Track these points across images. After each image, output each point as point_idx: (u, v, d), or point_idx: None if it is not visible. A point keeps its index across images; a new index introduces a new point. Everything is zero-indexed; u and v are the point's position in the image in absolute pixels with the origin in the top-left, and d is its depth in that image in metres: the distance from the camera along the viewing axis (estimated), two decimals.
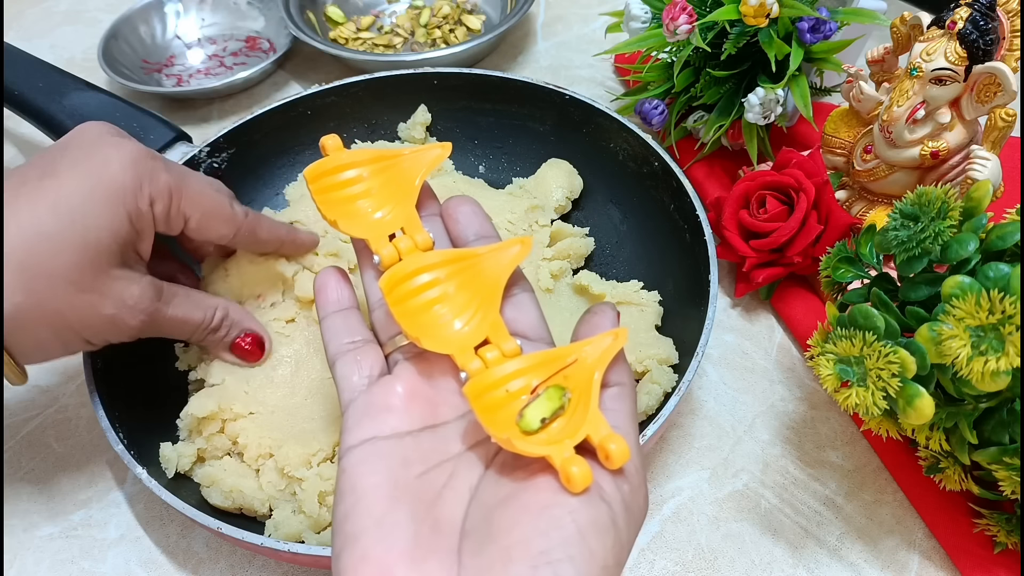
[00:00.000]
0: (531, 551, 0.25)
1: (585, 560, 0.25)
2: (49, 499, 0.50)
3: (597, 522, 0.25)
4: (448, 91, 0.63)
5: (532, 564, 0.24)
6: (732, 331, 0.57)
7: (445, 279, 0.32)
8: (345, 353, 0.32)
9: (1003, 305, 0.34)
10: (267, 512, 0.45)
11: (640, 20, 0.62)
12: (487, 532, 0.26)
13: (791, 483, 0.49)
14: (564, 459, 0.26)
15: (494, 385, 0.29)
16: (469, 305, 0.31)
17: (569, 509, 0.25)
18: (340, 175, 0.35)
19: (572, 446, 0.26)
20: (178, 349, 0.52)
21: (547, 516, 0.25)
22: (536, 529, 0.25)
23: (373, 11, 0.86)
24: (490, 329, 0.31)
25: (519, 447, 0.26)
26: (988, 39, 0.46)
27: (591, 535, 0.25)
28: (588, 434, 0.27)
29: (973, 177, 0.48)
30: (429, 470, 0.28)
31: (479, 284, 0.32)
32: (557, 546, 0.25)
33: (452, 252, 0.33)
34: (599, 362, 0.29)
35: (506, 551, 0.25)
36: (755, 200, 0.55)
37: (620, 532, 0.26)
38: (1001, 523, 0.44)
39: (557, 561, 0.24)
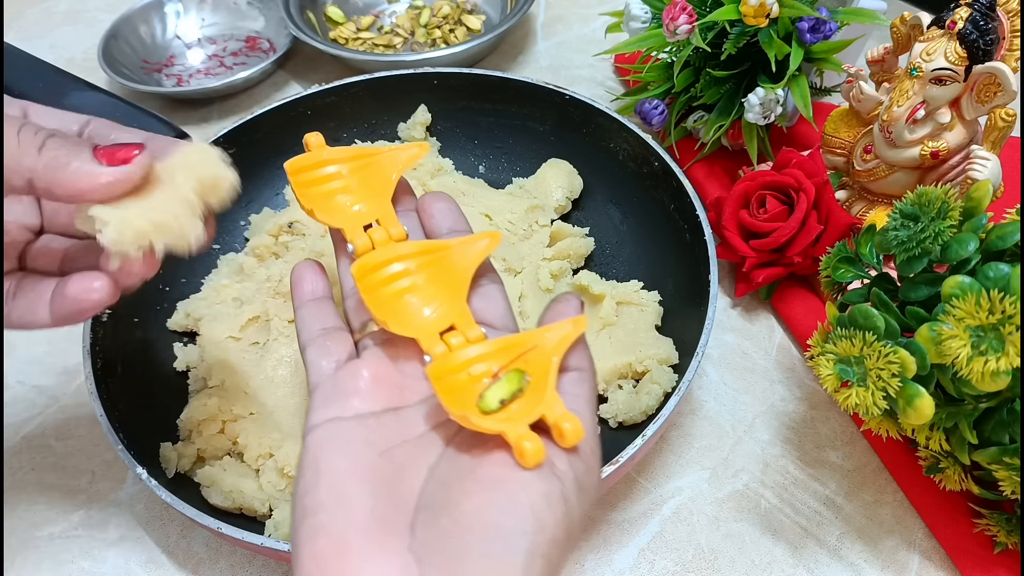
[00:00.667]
0: (484, 523, 0.25)
1: (536, 532, 0.25)
2: (49, 499, 0.50)
3: (549, 497, 0.26)
4: (448, 91, 0.63)
5: (483, 536, 0.25)
6: (732, 331, 0.57)
7: (415, 269, 0.33)
8: (315, 339, 0.33)
9: (1003, 305, 0.34)
10: (267, 512, 0.45)
11: (640, 20, 0.62)
12: (442, 506, 0.27)
13: (791, 483, 0.49)
14: (518, 435, 0.27)
15: (457, 368, 0.30)
16: (437, 294, 0.33)
17: (522, 484, 0.26)
18: (320, 170, 0.36)
19: (527, 424, 0.27)
20: (177, 349, 0.52)
21: (501, 490, 0.26)
22: (489, 502, 0.26)
23: (373, 11, 0.86)
24: (456, 316, 0.32)
25: (475, 423, 0.27)
26: (988, 39, 0.46)
27: (543, 509, 0.26)
28: (543, 413, 0.28)
29: (973, 177, 0.48)
30: (390, 449, 0.29)
31: (448, 274, 0.33)
32: (509, 518, 0.25)
33: (423, 243, 0.34)
34: (557, 347, 0.30)
35: (459, 523, 0.26)
36: (755, 200, 0.55)
37: (571, 508, 0.27)
38: (1001, 523, 0.44)
39: (509, 533, 0.25)
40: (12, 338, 0.58)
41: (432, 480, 0.28)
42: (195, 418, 0.47)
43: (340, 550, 0.26)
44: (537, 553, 0.25)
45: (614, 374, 0.50)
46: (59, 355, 0.57)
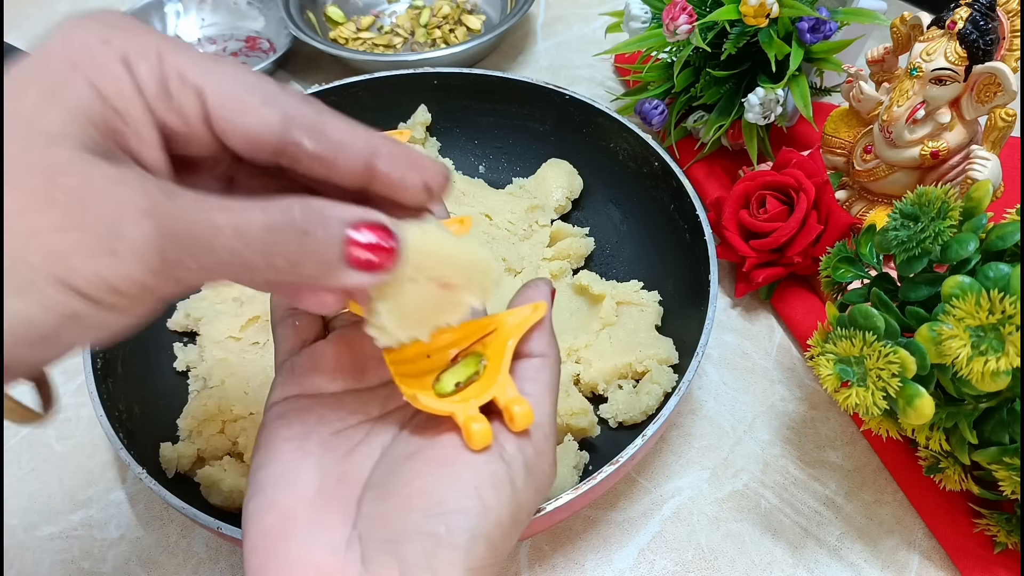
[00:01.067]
0: (427, 501, 0.26)
1: (478, 514, 0.26)
2: (49, 499, 0.50)
3: (495, 479, 0.26)
4: (448, 91, 0.63)
5: (427, 514, 0.26)
6: (732, 331, 0.57)
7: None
8: (285, 319, 0.33)
9: (1003, 305, 0.34)
10: None
11: (640, 20, 0.62)
12: (389, 484, 0.27)
13: (791, 483, 0.49)
14: (467, 417, 0.27)
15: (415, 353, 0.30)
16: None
17: (468, 465, 0.27)
18: None
19: (477, 406, 0.27)
20: (177, 348, 0.52)
21: (446, 470, 0.27)
22: (434, 482, 0.26)
23: (373, 11, 0.86)
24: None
25: (424, 404, 0.27)
26: (988, 39, 0.46)
27: (487, 491, 0.26)
28: (495, 396, 0.28)
29: (973, 177, 0.48)
30: (345, 429, 0.29)
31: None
32: (452, 498, 0.26)
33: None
34: (515, 331, 0.30)
35: (404, 501, 0.26)
36: (755, 200, 0.55)
37: (518, 492, 0.27)
38: (1001, 523, 0.44)
39: (451, 512, 0.26)
40: None
41: (383, 460, 0.29)
42: (195, 418, 0.47)
43: (286, 525, 0.26)
44: (479, 535, 0.26)
45: (614, 374, 0.50)
46: None
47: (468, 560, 0.25)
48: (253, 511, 0.27)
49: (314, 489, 0.27)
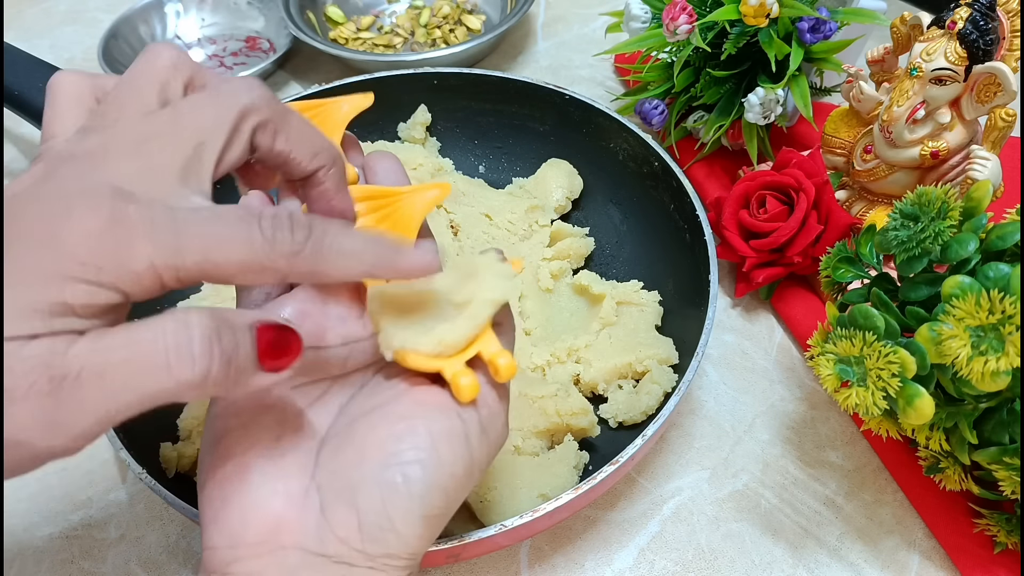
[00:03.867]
0: (384, 452, 0.27)
1: (434, 464, 0.27)
2: (49, 499, 0.50)
3: (451, 434, 0.28)
4: (448, 91, 0.63)
5: (383, 463, 0.27)
6: (732, 331, 0.57)
7: (364, 213, 0.33)
8: None
9: (1003, 305, 0.34)
10: None
11: (640, 20, 0.62)
12: (347, 437, 0.28)
13: (791, 483, 0.49)
14: (455, 372, 0.29)
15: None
16: None
17: (425, 420, 0.28)
18: None
19: (463, 361, 0.29)
20: None
21: (404, 424, 0.28)
22: (391, 434, 0.27)
23: (373, 11, 0.86)
24: None
25: (413, 362, 0.29)
26: (988, 39, 0.46)
27: (443, 444, 0.27)
28: (479, 350, 0.29)
29: (973, 177, 0.48)
30: (304, 385, 0.30)
31: (396, 220, 0.33)
32: (408, 449, 0.27)
33: (373, 188, 0.34)
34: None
35: (361, 452, 0.27)
36: (755, 200, 0.55)
37: (472, 448, 0.28)
38: (1001, 523, 0.44)
39: (407, 463, 0.27)
40: None
41: (342, 415, 0.29)
42: (195, 418, 0.47)
43: (243, 473, 0.27)
44: (435, 484, 0.27)
45: (614, 374, 0.50)
46: None
47: (423, 508, 0.27)
48: (208, 463, 0.28)
49: (271, 439, 0.28)
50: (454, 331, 0.29)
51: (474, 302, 0.30)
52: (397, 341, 0.29)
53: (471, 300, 0.30)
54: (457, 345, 0.29)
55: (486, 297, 0.30)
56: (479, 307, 0.30)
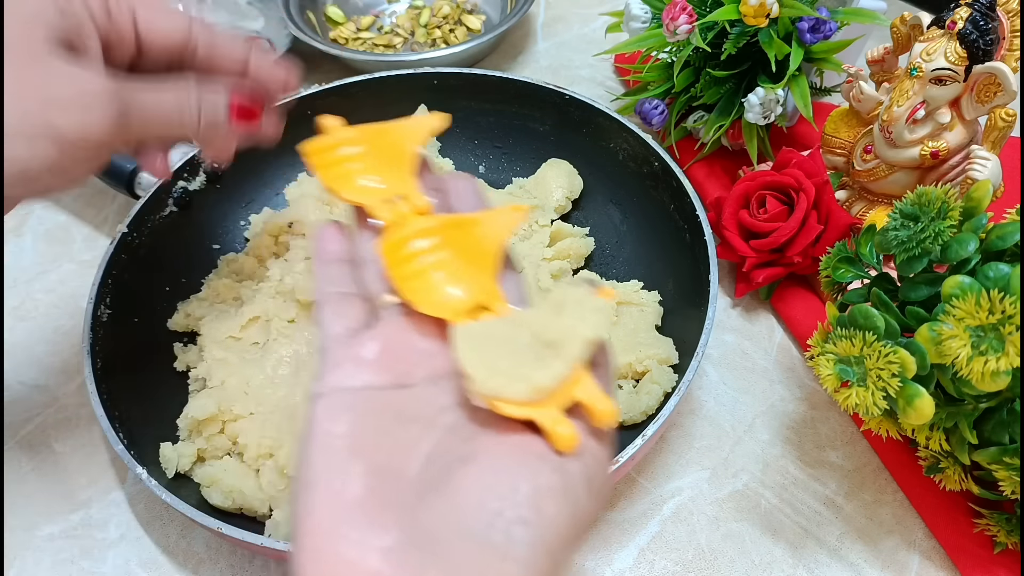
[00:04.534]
0: (485, 510, 0.25)
1: (539, 525, 0.25)
2: (49, 499, 0.50)
3: (555, 490, 0.26)
4: (448, 91, 0.63)
5: (486, 522, 0.25)
6: (732, 331, 0.57)
7: (442, 245, 0.32)
8: (331, 302, 0.32)
9: (1003, 305, 0.34)
10: (267, 512, 0.45)
11: (640, 20, 0.62)
12: (443, 489, 0.26)
13: (791, 483, 0.49)
14: (552, 421, 0.26)
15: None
16: (465, 271, 0.32)
17: (527, 474, 0.26)
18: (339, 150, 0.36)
19: (560, 408, 0.27)
20: (177, 349, 0.52)
21: (505, 478, 0.26)
22: (493, 489, 0.25)
23: (373, 11, 0.86)
24: (485, 295, 0.31)
25: (506, 410, 0.26)
26: (988, 39, 0.46)
27: (547, 501, 0.25)
28: (575, 394, 0.27)
29: (973, 177, 0.48)
30: (393, 427, 0.28)
31: (476, 251, 0.32)
32: (511, 507, 0.25)
33: (450, 218, 0.33)
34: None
35: (460, 508, 0.25)
36: (755, 200, 0.55)
37: (578, 504, 0.26)
38: (1001, 523, 0.44)
39: (510, 522, 0.24)
40: (12, 338, 0.58)
41: (434, 462, 0.27)
42: (195, 418, 0.47)
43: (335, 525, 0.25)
44: (539, 546, 0.25)
45: (614, 374, 0.50)
46: (59, 355, 0.57)
47: (528, 571, 0.24)
48: (301, 510, 0.26)
49: (364, 489, 0.26)
50: (548, 375, 0.27)
51: (568, 341, 0.27)
52: (487, 387, 0.27)
53: (564, 339, 0.27)
54: (550, 390, 0.27)
55: (580, 335, 0.27)
56: (573, 347, 0.27)
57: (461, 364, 0.27)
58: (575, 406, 0.27)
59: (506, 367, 0.27)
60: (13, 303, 0.60)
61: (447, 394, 0.29)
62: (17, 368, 0.57)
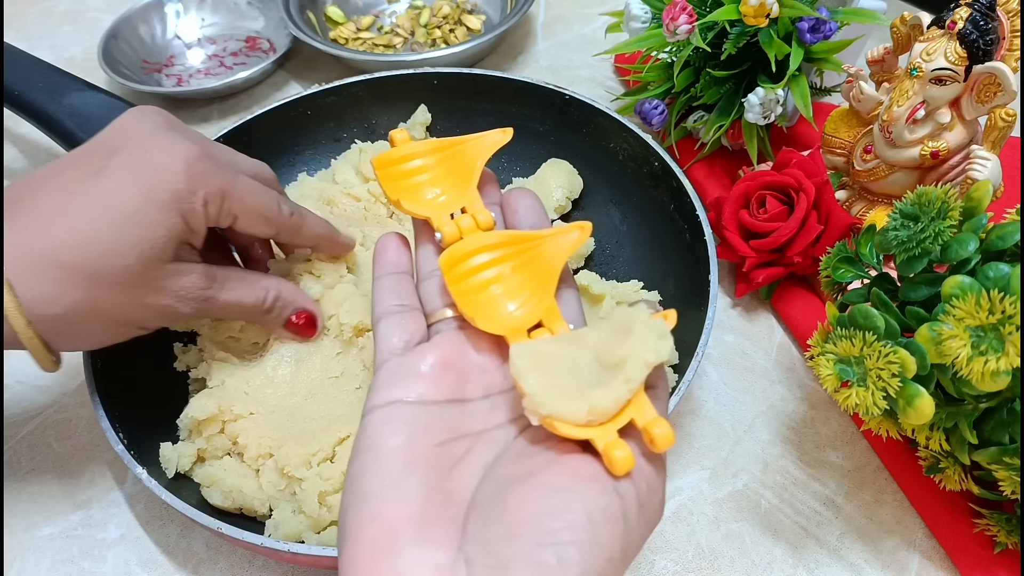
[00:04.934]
0: (538, 530, 0.25)
1: (591, 547, 0.25)
2: (49, 499, 0.50)
3: (608, 512, 0.25)
4: (448, 91, 0.63)
5: (538, 543, 0.24)
6: (732, 331, 0.57)
7: (502, 260, 0.32)
8: (390, 314, 0.32)
9: (1003, 305, 0.34)
10: (267, 512, 0.45)
11: (640, 20, 0.62)
12: (497, 507, 0.26)
13: (791, 483, 0.49)
14: (608, 443, 0.26)
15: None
16: (524, 288, 0.32)
17: (582, 495, 0.26)
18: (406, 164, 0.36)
19: (615, 430, 0.26)
20: (178, 349, 0.52)
21: (559, 498, 0.25)
22: (546, 509, 0.25)
23: (373, 11, 0.86)
24: (544, 313, 0.31)
25: (562, 429, 0.26)
26: (988, 39, 0.46)
27: (601, 524, 0.25)
28: (632, 417, 0.27)
29: (973, 177, 0.48)
30: (448, 441, 0.28)
31: (536, 268, 0.32)
32: (565, 528, 0.25)
33: (511, 234, 0.33)
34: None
35: (513, 527, 0.25)
36: (755, 200, 0.55)
37: (630, 528, 0.26)
38: (1001, 523, 0.44)
39: (563, 543, 0.24)
40: None
41: (489, 479, 0.27)
42: (195, 418, 0.47)
43: (391, 539, 0.25)
44: (591, 568, 0.25)
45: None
46: None
47: None
48: (354, 521, 0.26)
49: (419, 504, 0.26)
50: (606, 397, 0.27)
51: (627, 364, 0.27)
52: (545, 408, 0.26)
53: (624, 361, 0.27)
54: (609, 412, 0.27)
55: (641, 358, 0.27)
56: (633, 369, 0.27)
57: (518, 382, 0.27)
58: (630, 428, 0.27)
59: (564, 387, 0.27)
60: None
61: (502, 411, 0.29)
62: (17, 368, 0.57)
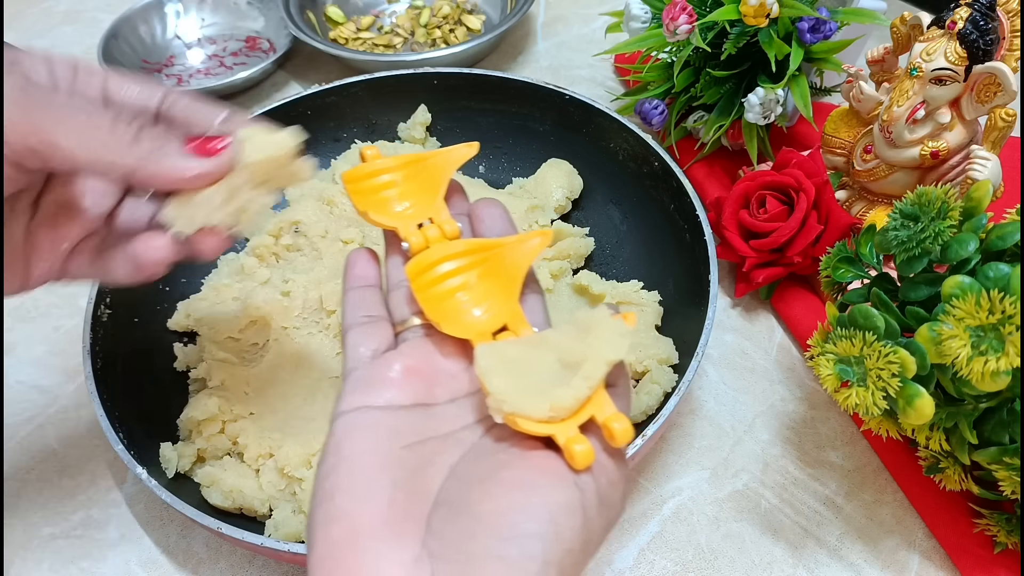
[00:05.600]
0: (501, 524, 0.26)
1: (551, 539, 0.25)
2: (49, 499, 0.50)
3: (569, 506, 0.26)
4: (448, 91, 0.63)
5: (500, 537, 0.25)
6: (732, 331, 0.57)
7: (468, 268, 0.33)
8: (358, 326, 0.33)
9: (1003, 305, 0.34)
10: (267, 512, 0.45)
11: (640, 20, 0.62)
12: (461, 504, 0.27)
13: (791, 483, 0.49)
14: (568, 438, 0.27)
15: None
16: (490, 294, 0.33)
17: (543, 490, 0.26)
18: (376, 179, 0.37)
19: (576, 426, 0.27)
20: (177, 349, 0.52)
21: (520, 494, 0.26)
22: (508, 504, 0.26)
23: (373, 11, 0.86)
24: (508, 317, 0.32)
25: (524, 426, 0.27)
26: (988, 39, 0.46)
27: (561, 517, 0.26)
28: (592, 413, 0.28)
29: (973, 177, 0.48)
30: (415, 444, 0.29)
31: (500, 274, 0.33)
32: (526, 522, 0.26)
33: (475, 242, 0.34)
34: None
35: (476, 522, 0.26)
36: (755, 200, 0.55)
37: (591, 521, 0.27)
38: (1001, 523, 0.44)
39: (524, 536, 0.25)
40: (12, 338, 0.58)
41: (454, 478, 0.28)
42: (195, 418, 0.47)
43: (354, 537, 0.26)
44: (552, 560, 0.25)
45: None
46: (59, 355, 0.57)
47: None
48: (319, 520, 0.27)
49: (383, 503, 0.27)
50: (566, 394, 0.27)
51: (588, 362, 0.28)
52: (508, 405, 0.27)
53: (584, 360, 0.28)
54: (570, 408, 0.27)
55: (601, 356, 0.28)
56: (593, 367, 0.28)
57: (483, 381, 0.28)
58: (591, 424, 0.28)
59: (527, 385, 0.28)
60: (13, 303, 0.60)
61: (469, 413, 0.30)
62: (17, 368, 0.57)
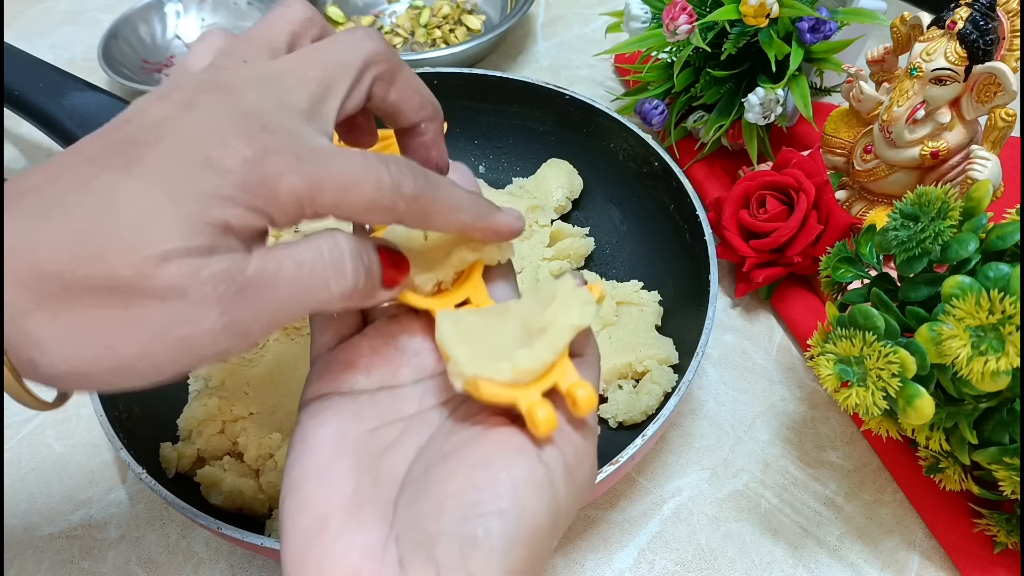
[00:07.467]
0: (463, 503, 0.25)
1: (516, 516, 0.25)
2: (49, 499, 0.50)
3: (534, 481, 0.26)
4: (448, 91, 0.63)
5: (463, 515, 0.25)
6: (732, 331, 0.57)
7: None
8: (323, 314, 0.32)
9: (1003, 305, 0.34)
10: (267, 512, 0.45)
11: (640, 20, 0.62)
12: (425, 484, 0.27)
13: (791, 483, 0.49)
14: (530, 403, 0.26)
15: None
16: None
17: (506, 465, 0.26)
18: None
19: (540, 392, 0.27)
20: None
21: (483, 470, 0.26)
22: (470, 482, 0.26)
23: (373, 11, 0.86)
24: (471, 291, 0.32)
25: (485, 392, 0.26)
26: (988, 39, 0.46)
27: (526, 493, 0.26)
28: (556, 381, 0.27)
29: (973, 177, 0.48)
30: (380, 427, 0.29)
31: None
32: (489, 500, 0.25)
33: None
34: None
35: (439, 501, 0.26)
36: (755, 200, 0.55)
37: (558, 494, 0.26)
38: (1001, 523, 0.44)
39: (487, 514, 0.25)
40: None
41: (419, 459, 0.28)
42: (195, 418, 0.47)
43: (322, 525, 0.26)
44: (518, 537, 0.25)
45: (614, 374, 0.50)
46: None
47: (506, 563, 0.25)
48: (288, 511, 0.27)
49: (350, 488, 0.27)
50: (532, 357, 0.27)
51: (552, 328, 0.27)
52: (469, 369, 0.27)
53: (549, 326, 0.28)
54: (533, 372, 0.27)
55: (564, 322, 0.28)
56: (557, 333, 0.27)
57: (443, 347, 0.28)
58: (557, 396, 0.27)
59: (489, 351, 0.28)
60: None
61: (433, 393, 0.30)
62: None
